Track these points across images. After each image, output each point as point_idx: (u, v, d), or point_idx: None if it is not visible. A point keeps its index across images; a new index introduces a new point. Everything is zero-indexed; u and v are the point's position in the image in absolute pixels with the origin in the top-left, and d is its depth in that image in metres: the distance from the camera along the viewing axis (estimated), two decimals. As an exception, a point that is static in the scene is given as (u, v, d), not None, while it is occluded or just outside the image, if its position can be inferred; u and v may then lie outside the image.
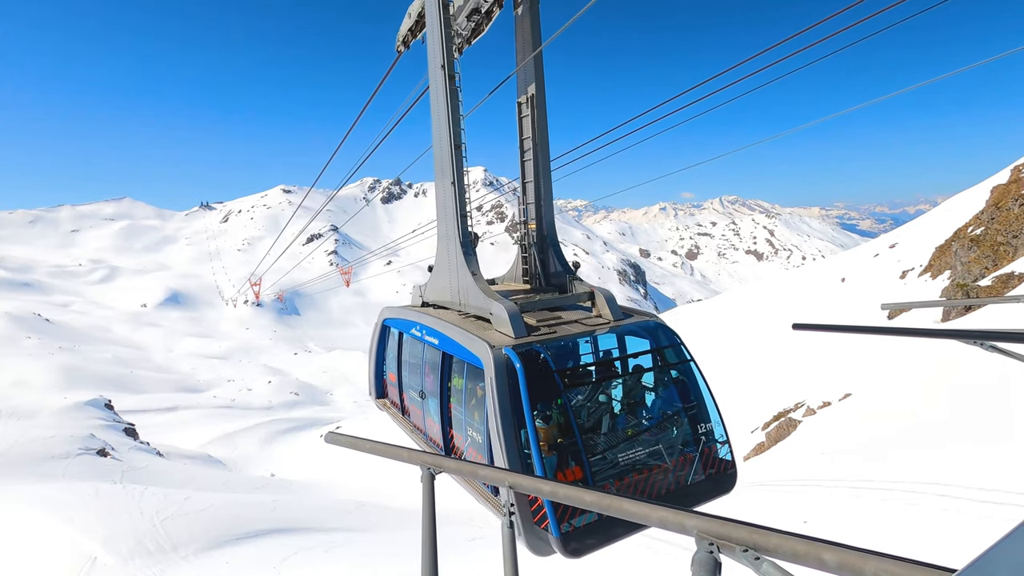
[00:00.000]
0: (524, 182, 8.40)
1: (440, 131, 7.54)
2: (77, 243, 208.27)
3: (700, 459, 5.94)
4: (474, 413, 6.38)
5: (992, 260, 26.54)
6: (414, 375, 8.36)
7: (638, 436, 5.88)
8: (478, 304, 7.04)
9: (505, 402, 5.44)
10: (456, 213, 7.44)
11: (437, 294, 8.35)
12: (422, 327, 7.75)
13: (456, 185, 7.39)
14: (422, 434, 8.10)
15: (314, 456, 45.12)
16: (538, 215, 8.27)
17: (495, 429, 5.40)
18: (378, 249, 36.78)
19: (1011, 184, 30.78)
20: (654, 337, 6.59)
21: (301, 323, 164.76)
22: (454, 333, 6.70)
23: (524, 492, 3.54)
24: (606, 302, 7.00)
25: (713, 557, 2.20)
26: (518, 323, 6.26)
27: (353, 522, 22.60)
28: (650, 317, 6.95)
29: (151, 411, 60.08)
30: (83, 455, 30.31)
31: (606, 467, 5.46)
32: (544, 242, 8.31)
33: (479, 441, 6.21)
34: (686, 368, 6.35)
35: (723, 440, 6.14)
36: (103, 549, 16.43)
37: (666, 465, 5.72)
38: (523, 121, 8.25)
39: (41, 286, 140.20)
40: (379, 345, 10.02)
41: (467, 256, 7.41)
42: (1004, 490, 9.03)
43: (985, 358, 6.27)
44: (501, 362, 5.60)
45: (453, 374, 6.97)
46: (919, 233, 41.79)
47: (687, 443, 5.99)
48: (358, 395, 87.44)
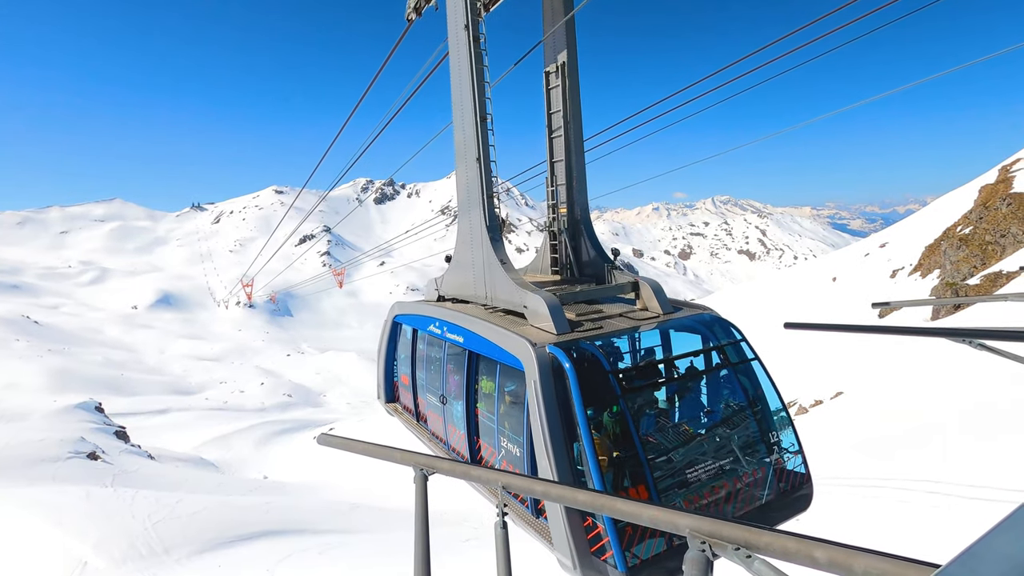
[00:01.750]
0: (552, 161, 7.61)
1: (462, 102, 6.76)
2: (67, 244, 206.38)
3: (774, 473, 5.26)
4: (508, 421, 5.72)
5: (980, 259, 26.82)
6: (433, 377, 7.65)
7: (705, 448, 5.16)
8: (508, 297, 6.31)
9: (552, 409, 4.73)
10: (482, 194, 6.65)
11: (457, 287, 7.56)
12: (442, 323, 7.02)
13: (482, 162, 6.61)
14: (442, 443, 7.35)
15: (307, 458, 44.93)
16: (569, 198, 7.48)
17: (542, 441, 4.69)
18: (371, 250, 36.57)
19: (999, 184, 31.11)
20: (713, 332, 5.87)
21: (294, 324, 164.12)
22: (483, 329, 5.99)
23: (517, 492, 3.52)
24: (654, 293, 6.28)
25: (705, 556, 2.22)
26: (560, 317, 5.50)
27: (347, 524, 22.52)
28: (704, 309, 6.28)
29: (143, 413, 59.61)
30: (73, 458, 30.02)
31: (673, 485, 4.75)
32: (577, 227, 7.50)
33: (516, 454, 5.51)
34: (752, 367, 5.64)
35: (795, 450, 5.44)
36: (94, 553, 16.28)
37: (738, 482, 5.04)
38: (551, 93, 7.45)
39: (31, 288, 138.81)
40: (389, 344, 9.19)
41: (494, 243, 6.62)
42: (993, 487, 9.12)
43: (974, 356, 6.34)
44: (546, 362, 4.90)
45: (481, 376, 6.26)
46: (909, 233, 42.14)
47: (759, 455, 5.31)
48: (351, 396, 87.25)
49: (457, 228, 7.26)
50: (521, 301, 5.96)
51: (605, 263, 7.16)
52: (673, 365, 5.84)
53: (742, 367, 5.64)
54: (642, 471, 4.56)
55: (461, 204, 7.10)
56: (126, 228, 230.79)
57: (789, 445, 5.44)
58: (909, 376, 17.65)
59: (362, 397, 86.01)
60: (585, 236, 7.43)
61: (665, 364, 5.95)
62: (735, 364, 5.65)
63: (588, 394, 4.68)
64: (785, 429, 5.48)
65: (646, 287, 6.37)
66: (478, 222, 6.73)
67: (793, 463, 5.39)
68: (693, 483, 4.83)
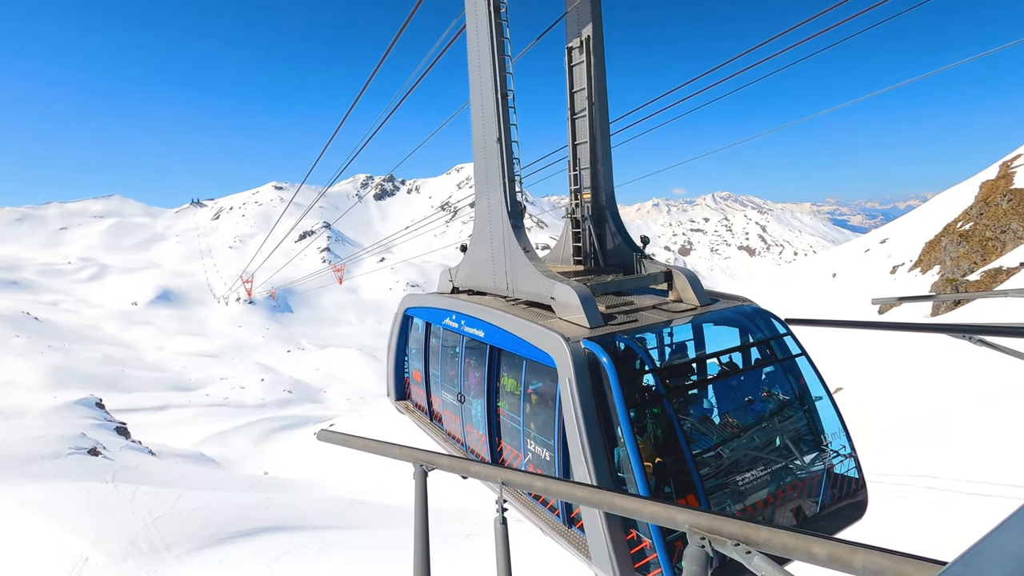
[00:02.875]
0: (575, 144, 7.17)
1: (481, 77, 6.33)
2: (66, 241, 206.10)
3: (827, 479, 4.92)
4: (535, 422, 5.35)
5: (981, 255, 26.82)
6: (448, 374, 7.24)
7: (757, 451, 4.76)
8: (532, 288, 5.92)
9: (590, 410, 4.36)
10: (503, 177, 6.22)
11: (474, 278, 7.17)
12: (460, 316, 6.62)
13: (503, 143, 6.18)
14: (459, 444, 6.97)
15: (307, 454, 44.98)
16: (594, 182, 7.01)
17: (578, 445, 4.32)
18: (371, 246, 36.58)
19: (999, 180, 31.07)
20: (757, 326, 5.45)
21: (294, 321, 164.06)
22: (507, 323, 5.60)
23: (518, 487, 3.50)
24: (689, 283, 5.89)
25: (705, 551, 2.22)
26: (592, 309, 5.08)
27: (347, 520, 22.56)
28: (742, 300, 5.89)
29: (143, 410, 59.70)
30: (74, 455, 30.05)
31: (725, 494, 4.38)
32: (602, 214, 7.05)
33: (546, 458, 5.14)
34: (800, 363, 5.26)
35: (847, 453, 5.04)
36: (95, 549, 16.31)
37: (791, 489, 4.70)
38: (574, 71, 7.00)
39: (29, 284, 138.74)
40: (400, 339, 8.77)
41: (516, 230, 6.21)
42: (991, 482, 9.14)
43: (974, 352, 6.34)
44: (582, 358, 4.52)
45: (504, 373, 5.87)
46: (909, 229, 42.14)
47: (812, 459, 4.96)
48: (351, 393, 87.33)
49: (474, 215, 6.88)
50: (548, 292, 5.56)
51: (633, 252, 6.75)
52: (718, 361, 5.32)
53: (789, 363, 5.27)
54: (690, 479, 4.15)
55: (479, 189, 6.72)
56: (125, 224, 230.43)
57: (840, 448, 5.05)
58: (909, 372, 17.67)
59: (361, 393, 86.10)
60: (611, 223, 6.99)
61: (709, 361, 5.42)
62: (782, 360, 5.27)
63: (629, 394, 4.33)
64: (838, 430, 5.09)
65: (681, 277, 6.00)
66: (498, 208, 6.34)
67: (845, 467, 5.02)
68: (745, 491, 4.46)
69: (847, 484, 4.97)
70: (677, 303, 5.85)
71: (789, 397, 5.16)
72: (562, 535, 5.02)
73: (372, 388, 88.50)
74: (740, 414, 5.07)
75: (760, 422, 5.00)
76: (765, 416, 5.03)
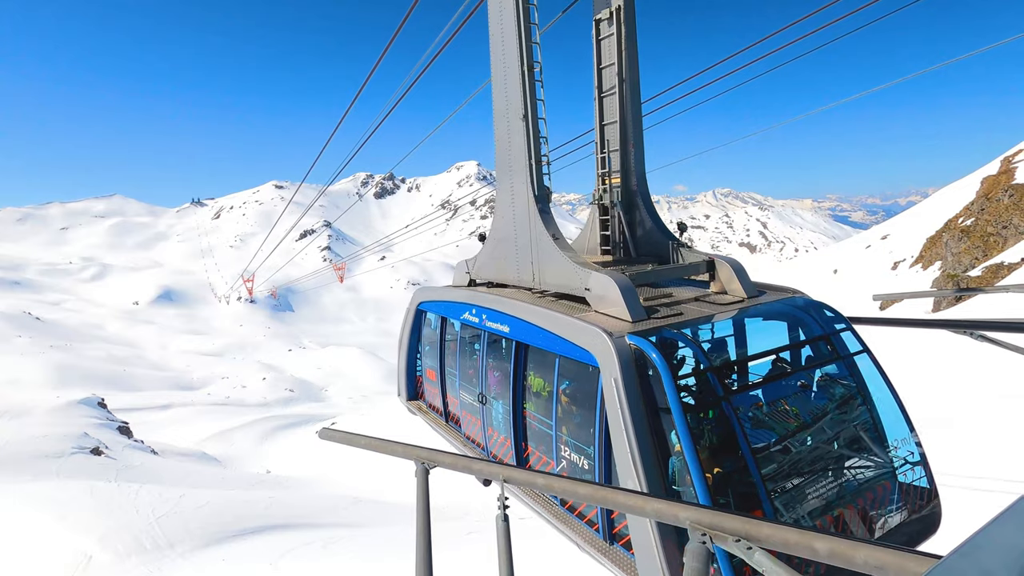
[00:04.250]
0: (602, 124, 6.64)
1: (505, 48, 5.84)
2: (68, 241, 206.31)
3: (899, 489, 4.49)
4: (569, 426, 4.92)
5: (982, 250, 26.77)
6: (467, 373, 6.76)
7: (824, 460, 4.32)
8: (562, 278, 5.44)
9: (639, 413, 3.92)
10: (528, 158, 5.76)
11: (494, 269, 6.68)
12: (481, 310, 6.14)
13: (529, 120, 5.69)
14: (480, 449, 6.52)
15: (310, 452, 45.03)
16: (624, 166, 6.52)
17: (627, 453, 3.85)
18: (372, 245, 36.51)
19: (1001, 175, 30.99)
20: (814, 319, 4.96)
21: (295, 319, 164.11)
22: (537, 317, 5.14)
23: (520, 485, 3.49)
24: (735, 273, 5.39)
25: (706, 547, 2.22)
26: (634, 301, 4.62)
27: (349, 518, 22.62)
28: (792, 292, 5.45)
29: (145, 409, 59.82)
30: (77, 454, 30.14)
31: (794, 508, 3.95)
32: (632, 200, 6.55)
33: (583, 466, 4.73)
34: (862, 361, 4.76)
35: (917, 460, 4.57)
36: (99, 547, 16.38)
37: (862, 501, 4.28)
38: (602, 44, 6.47)
39: (32, 284, 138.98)
40: (412, 335, 8.28)
41: (543, 215, 5.72)
42: (993, 477, 9.14)
43: (975, 347, 6.33)
44: (628, 355, 4.07)
45: (532, 372, 5.43)
46: (910, 224, 42.05)
47: (883, 468, 4.48)
48: (353, 391, 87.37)
49: (496, 200, 6.40)
50: (581, 283, 5.09)
51: (669, 240, 6.25)
52: (777, 359, 4.82)
53: (852, 361, 4.78)
54: (755, 491, 3.72)
55: (501, 172, 6.22)
56: (126, 224, 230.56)
57: (908, 454, 4.57)
58: (910, 367, 17.66)
59: (363, 392, 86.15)
60: (642, 209, 6.50)
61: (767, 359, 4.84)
62: (844, 357, 4.79)
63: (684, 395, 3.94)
64: (906, 435, 4.61)
65: (725, 266, 5.51)
66: (523, 191, 5.83)
67: (915, 475, 4.55)
68: (815, 505, 4.03)
69: (918, 495, 4.57)
70: (721, 295, 5.40)
71: (856, 399, 4.68)
72: (603, 553, 4.60)
73: (374, 386, 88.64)
74: (804, 419, 4.52)
75: (826, 427, 4.51)
76: (830, 420, 4.54)
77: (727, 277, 5.47)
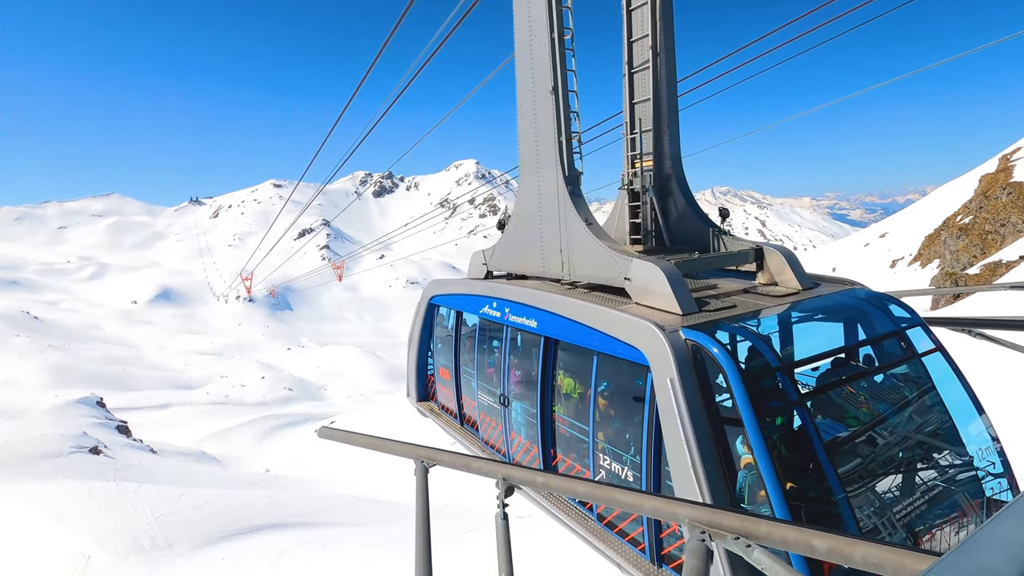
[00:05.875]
0: (632, 103, 6.02)
1: (532, 14, 5.27)
2: (65, 240, 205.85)
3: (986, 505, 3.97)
4: (608, 431, 4.47)
5: (980, 248, 26.82)
6: (486, 372, 6.30)
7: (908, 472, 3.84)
8: (597, 268, 4.95)
9: (701, 419, 3.44)
10: (557, 136, 5.23)
11: (515, 260, 6.22)
12: (504, 303, 5.65)
13: (559, 94, 5.17)
14: (500, 455, 6.05)
15: (309, 452, 45.02)
16: (657, 147, 5.93)
17: (688, 465, 3.38)
18: (371, 243, 36.56)
19: (999, 173, 31.05)
20: (883, 313, 4.42)
21: (294, 318, 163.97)
22: (572, 310, 4.65)
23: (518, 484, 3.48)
24: (787, 263, 4.90)
25: (705, 545, 2.22)
26: (684, 292, 4.19)
27: (348, 517, 22.61)
28: (849, 283, 4.95)
29: (144, 408, 59.73)
30: (75, 453, 30.09)
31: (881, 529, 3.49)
32: (666, 184, 6.00)
33: (627, 477, 4.27)
34: (937, 360, 4.25)
35: (1000, 471, 4.03)
36: (98, 547, 16.35)
37: (952, 520, 3.79)
38: (633, 16, 5.85)
39: (29, 284, 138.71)
40: (423, 332, 7.75)
41: (574, 198, 5.21)
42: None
43: (974, 345, 6.34)
44: (685, 353, 3.62)
45: (561, 371, 4.99)
46: (909, 222, 42.10)
47: (967, 480, 4.00)
48: (352, 390, 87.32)
49: (518, 185, 5.93)
50: (620, 272, 4.61)
51: (708, 227, 5.74)
52: (848, 357, 4.40)
53: (927, 360, 4.26)
54: (837, 509, 3.26)
55: (525, 153, 5.64)
56: (124, 223, 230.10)
57: (989, 464, 4.05)
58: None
59: (362, 390, 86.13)
60: (678, 194, 5.99)
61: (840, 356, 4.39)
62: (919, 356, 4.26)
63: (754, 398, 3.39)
64: (988, 444, 4.09)
65: (776, 255, 5.01)
66: (551, 173, 5.31)
67: (998, 488, 4.01)
68: (902, 523, 3.57)
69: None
70: (771, 286, 4.93)
71: (935, 402, 4.18)
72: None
73: (373, 385, 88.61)
74: (882, 424, 4.02)
75: (907, 435, 4.03)
76: (910, 427, 4.08)
77: (778, 267, 4.98)
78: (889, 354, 4.35)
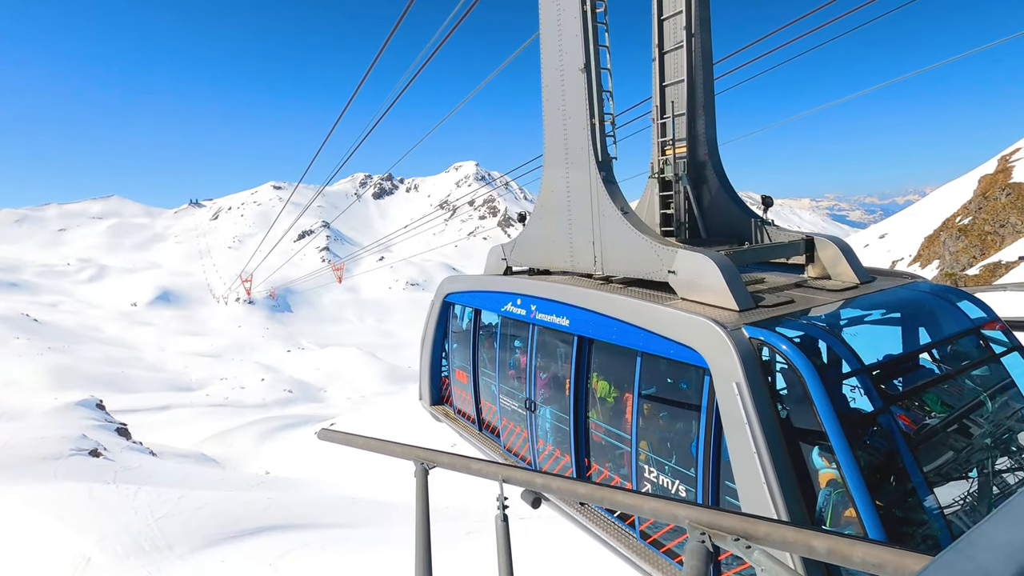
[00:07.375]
0: (663, 86, 5.61)
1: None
2: (65, 242, 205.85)
3: None
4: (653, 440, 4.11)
5: (980, 249, 26.83)
6: (508, 374, 5.89)
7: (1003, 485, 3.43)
8: (635, 261, 4.52)
9: (773, 429, 3.05)
10: (589, 118, 4.78)
11: (540, 254, 5.73)
12: (530, 300, 5.22)
13: (591, 71, 4.71)
14: (525, 464, 5.66)
15: (308, 453, 44.99)
16: (691, 132, 5.51)
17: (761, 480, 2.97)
18: (370, 245, 36.55)
19: (998, 174, 31.07)
20: (956, 310, 4.02)
21: (294, 320, 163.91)
22: (613, 306, 4.24)
23: (517, 485, 3.49)
24: (843, 255, 4.50)
25: (705, 546, 2.23)
26: (739, 286, 3.82)
27: (349, 518, 22.60)
28: (910, 277, 4.59)
29: (143, 410, 59.69)
30: (75, 456, 30.06)
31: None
32: (701, 172, 5.53)
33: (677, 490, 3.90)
34: (1015, 360, 3.86)
35: None
36: (98, 549, 16.34)
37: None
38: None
39: (29, 286, 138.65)
40: (438, 331, 7.30)
41: (608, 185, 4.77)
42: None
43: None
44: (751, 353, 3.23)
45: (596, 373, 4.60)
46: (908, 223, 42.11)
47: None
48: (352, 392, 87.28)
49: (543, 174, 5.44)
50: (663, 264, 4.22)
51: (750, 217, 5.28)
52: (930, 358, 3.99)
53: (1006, 360, 3.87)
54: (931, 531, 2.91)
55: (552, 138, 5.18)
56: (124, 225, 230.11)
57: None
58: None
59: (362, 392, 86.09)
60: (713, 182, 5.50)
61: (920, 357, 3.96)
62: (1001, 356, 3.87)
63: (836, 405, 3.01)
64: None
65: (830, 247, 4.60)
66: (582, 159, 4.89)
67: None
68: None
69: None
70: (824, 280, 4.54)
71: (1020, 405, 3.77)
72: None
73: (373, 387, 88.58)
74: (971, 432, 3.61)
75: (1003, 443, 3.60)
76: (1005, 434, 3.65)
77: (831, 259, 4.58)
78: (967, 354, 3.94)
